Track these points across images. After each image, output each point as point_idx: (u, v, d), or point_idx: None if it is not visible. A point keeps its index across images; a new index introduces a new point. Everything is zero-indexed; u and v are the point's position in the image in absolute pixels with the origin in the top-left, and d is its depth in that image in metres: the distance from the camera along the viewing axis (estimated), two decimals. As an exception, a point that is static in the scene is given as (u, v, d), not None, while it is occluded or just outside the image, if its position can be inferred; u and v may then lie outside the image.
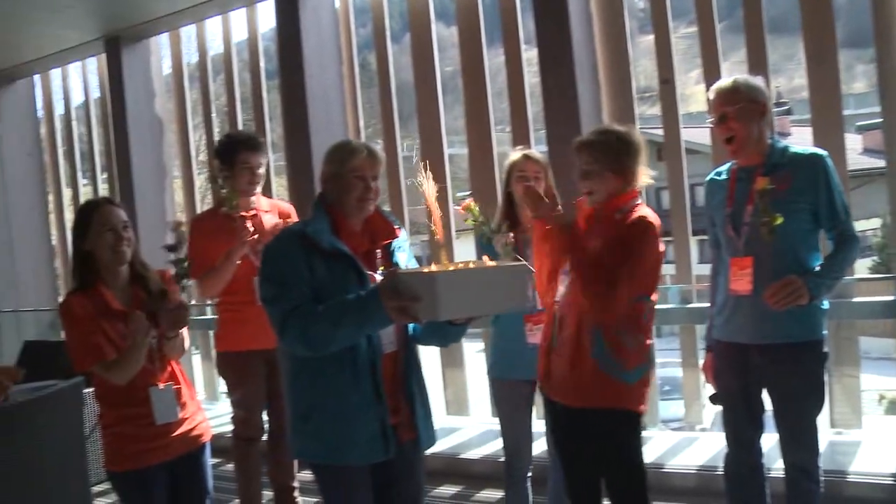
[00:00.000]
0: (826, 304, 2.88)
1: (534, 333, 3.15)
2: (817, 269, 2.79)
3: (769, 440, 3.01)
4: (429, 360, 2.67)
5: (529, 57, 5.10)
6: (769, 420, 2.94)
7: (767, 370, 2.85)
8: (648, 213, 2.66)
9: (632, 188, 2.72)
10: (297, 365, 2.45)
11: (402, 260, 2.55)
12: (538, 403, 3.42)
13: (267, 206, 3.97)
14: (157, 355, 2.77)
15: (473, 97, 5.35)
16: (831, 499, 3.21)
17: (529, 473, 3.32)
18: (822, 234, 2.88)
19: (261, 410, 3.94)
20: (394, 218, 2.60)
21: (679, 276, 4.64)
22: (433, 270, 2.16)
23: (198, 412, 2.91)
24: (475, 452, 4.71)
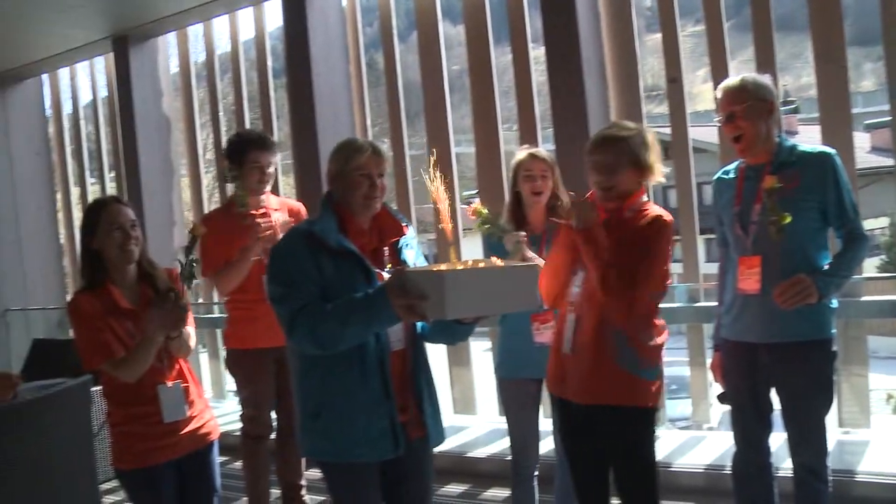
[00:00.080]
0: (835, 303, 2.88)
1: (541, 333, 3.16)
2: (826, 267, 2.78)
3: (777, 439, 3.01)
4: (436, 359, 2.67)
5: (537, 55, 5.08)
6: (777, 419, 2.93)
7: (776, 369, 2.84)
8: (663, 212, 2.66)
9: (642, 186, 2.72)
10: (306, 363, 2.45)
11: (409, 257, 2.55)
12: (545, 402, 3.42)
13: (276, 204, 3.98)
14: (165, 354, 2.77)
15: (480, 96, 5.34)
16: (840, 498, 3.19)
17: (536, 472, 3.32)
18: (831, 232, 2.88)
19: (270, 408, 3.95)
20: (401, 215, 2.60)
21: (686, 275, 4.63)
22: (441, 269, 2.16)
23: (206, 410, 2.92)
24: (482, 451, 4.72)
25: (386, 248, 2.53)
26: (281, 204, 4.02)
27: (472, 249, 3.93)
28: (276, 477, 4.04)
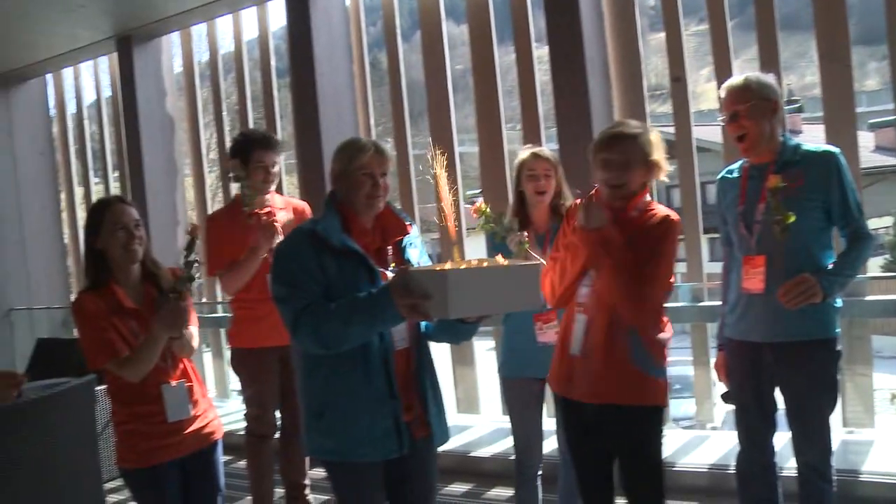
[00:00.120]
0: (839, 303, 2.87)
1: (544, 332, 3.15)
2: (830, 267, 2.77)
3: (781, 439, 3.00)
4: (439, 358, 2.67)
5: (540, 55, 5.09)
6: (781, 419, 2.93)
7: (780, 368, 2.84)
8: (671, 212, 2.66)
9: (647, 185, 2.71)
10: (310, 362, 2.45)
11: (413, 256, 2.55)
12: (549, 401, 3.42)
13: (281, 203, 3.98)
14: (169, 353, 2.78)
15: (484, 95, 5.34)
16: (844, 498, 3.19)
17: (540, 471, 3.32)
18: (835, 231, 2.87)
19: (274, 407, 3.95)
20: (405, 214, 2.59)
21: (690, 275, 4.63)
22: (445, 268, 2.15)
23: (209, 409, 2.92)
24: (486, 450, 4.72)
25: (389, 248, 2.53)
26: (286, 203, 4.02)
27: (477, 249, 3.93)
28: (280, 476, 4.04)
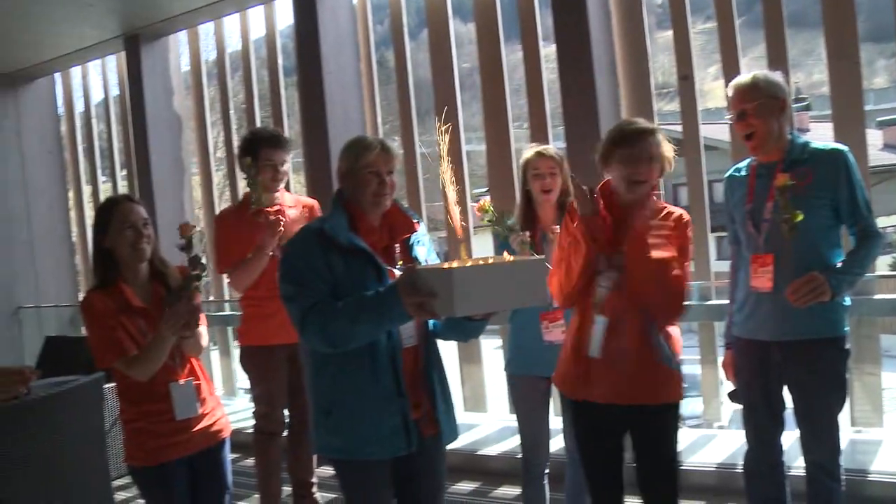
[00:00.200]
0: (848, 301, 2.86)
1: (550, 331, 3.15)
2: (839, 265, 2.76)
3: (790, 438, 2.99)
4: (446, 357, 2.66)
5: (547, 53, 5.08)
6: (790, 417, 2.92)
7: (788, 367, 2.83)
8: (682, 211, 2.69)
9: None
10: (319, 360, 2.46)
11: (421, 254, 2.55)
12: (556, 399, 3.42)
13: (290, 201, 3.99)
14: (177, 352, 2.78)
15: (491, 94, 5.34)
16: (852, 497, 3.18)
17: (547, 470, 3.32)
18: (844, 230, 2.86)
19: (283, 405, 3.96)
20: (412, 212, 2.59)
21: (697, 273, 4.62)
22: (450, 266, 2.15)
23: (217, 408, 2.93)
24: (493, 449, 4.72)
25: (397, 245, 2.53)
26: (295, 201, 4.03)
27: (484, 247, 3.93)
28: (287, 474, 4.05)
